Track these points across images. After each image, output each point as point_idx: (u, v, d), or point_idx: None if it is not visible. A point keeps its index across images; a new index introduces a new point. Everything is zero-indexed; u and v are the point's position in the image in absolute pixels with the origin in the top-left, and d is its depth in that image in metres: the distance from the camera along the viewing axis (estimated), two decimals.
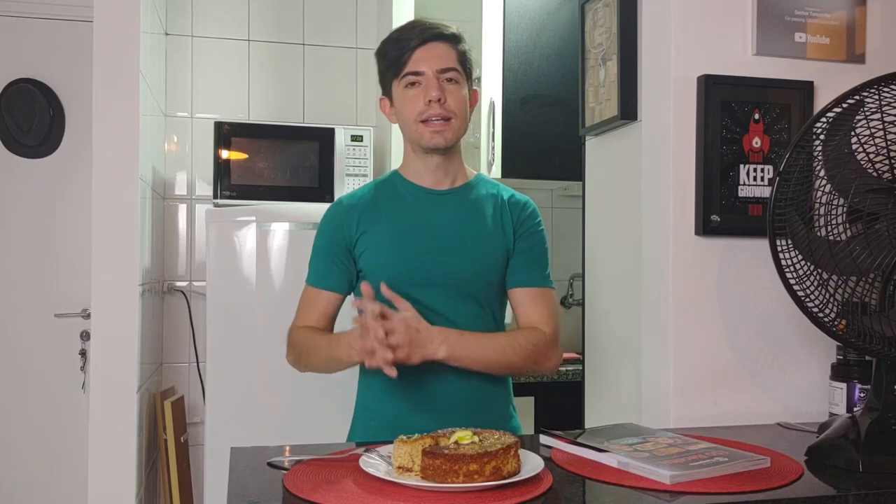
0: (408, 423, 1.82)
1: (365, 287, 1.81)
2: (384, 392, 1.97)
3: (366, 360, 1.73)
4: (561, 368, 3.36)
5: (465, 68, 1.97)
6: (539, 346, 1.95)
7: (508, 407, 2.09)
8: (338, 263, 2.00)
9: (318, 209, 3.16)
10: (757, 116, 2.05)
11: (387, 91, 2.02)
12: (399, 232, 1.96)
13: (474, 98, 2.04)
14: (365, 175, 3.48)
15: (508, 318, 2.07)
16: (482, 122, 3.64)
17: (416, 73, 1.91)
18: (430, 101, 1.90)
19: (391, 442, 1.49)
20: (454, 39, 1.95)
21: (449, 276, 1.94)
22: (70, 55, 3.73)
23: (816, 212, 1.66)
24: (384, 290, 1.80)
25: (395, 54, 1.94)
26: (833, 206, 1.66)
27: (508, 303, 2.07)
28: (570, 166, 3.28)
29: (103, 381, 2.86)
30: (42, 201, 3.74)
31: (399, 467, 1.43)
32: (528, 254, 2.02)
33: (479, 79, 3.61)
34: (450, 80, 1.92)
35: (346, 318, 2.03)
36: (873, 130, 1.61)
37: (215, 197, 3.39)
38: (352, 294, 2.05)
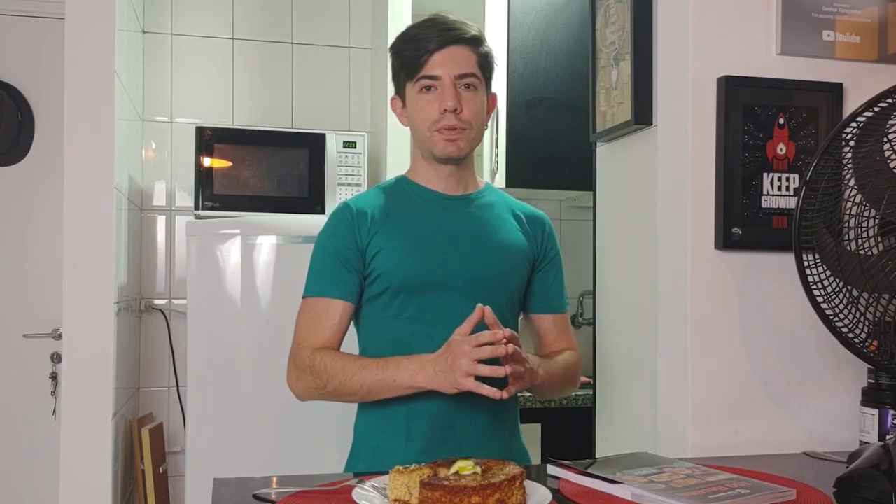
0: (420, 452, 1.85)
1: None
2: (394, 420, 1.96)
3: (459, 374, 1.71)
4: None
5: (485, 72, 1.99)
6: (579, 369, 2.10)
7: (515, 429, 2.10)
8: (350, 268, 1.97)
9: (307, 221, 3.18)
10: (782, 121, 2.05)
11: (399, 91, 2.03)
12: (414, 233, 1.98)
13: (493, 102, 2.06)
14: (359, 184, 3.48)
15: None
16: None
17: (433, 78, 1.93)
18: (445, 109, 1.91)
19: (387, 472, 1.49)
20: (475, 42, 1.96)
21: (468, 279, 1.96)
22: (40, 55, 3.74)
23: (846, 224, 1.67)
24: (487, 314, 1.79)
25: (411, 54, 1.94)
26: (864, 218, 1.66)
27: (522, 320, 2.14)
28: (580, 175, 3.28)
29: (76, 407, 2.85)
30: (9, 212, 3.75)
31: (395, 500, 1.43)
32: (556, 281, 2.15)
33: None
34: (468, 86, 1.94)
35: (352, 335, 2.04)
36: None
37: (196, 208, 3.39)
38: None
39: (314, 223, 2.08)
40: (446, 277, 1.95)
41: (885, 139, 1.64)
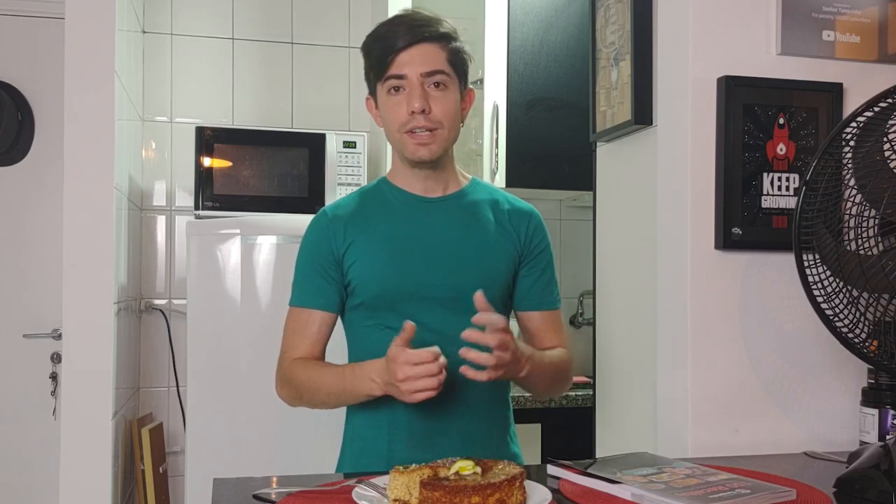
0: (403, 452, 1.83)
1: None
2: (377, 418, 1.96)
3: (407, 394, 1.71)
4: (569, 393, 3.36)
5: (458, 68, 1.94)
6: (570, 367, 2.07)
7: (504, 434, 2.09)
8: (328, 279, 1.97)
9: (307, 221, 3.16)
10: (782, 121, 2.05)
11: (372, 91, 2.02)
12: (391, 241, 1.95)
13: (470, 98, 2.01)
14: (359, 184, 3.47)
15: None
16: (485, 127, 3.64)
17: (399, 77, 1.90)
18: (412, 111, 1.88)
19: (386, 472, 1.49)
20: (445, 38, 1.92)
21: (446, 288, 1.93)
22: (40, 55, 3.74)
23: (846, 224, 1.67)
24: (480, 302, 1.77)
25: (378, 54, 1.92)
26: (864, 218, 1.66)
27: (515, 320, 2.09)
28: (580, 175, 3.28)
29: (76, 407, 2.85)
30: (9, 212, 3.75)
31: (395, 500, 1.43)
32: (544, 275, 2.07)
33: (481, 80, 3.62)
34: (437, 84, 1.90)
35: (339, 341, 2.04)
36: None
37: (196, 208, 3.39)
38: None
39: None
40: (422, 288, 1.93)
41: (885, 139, 1.64)
